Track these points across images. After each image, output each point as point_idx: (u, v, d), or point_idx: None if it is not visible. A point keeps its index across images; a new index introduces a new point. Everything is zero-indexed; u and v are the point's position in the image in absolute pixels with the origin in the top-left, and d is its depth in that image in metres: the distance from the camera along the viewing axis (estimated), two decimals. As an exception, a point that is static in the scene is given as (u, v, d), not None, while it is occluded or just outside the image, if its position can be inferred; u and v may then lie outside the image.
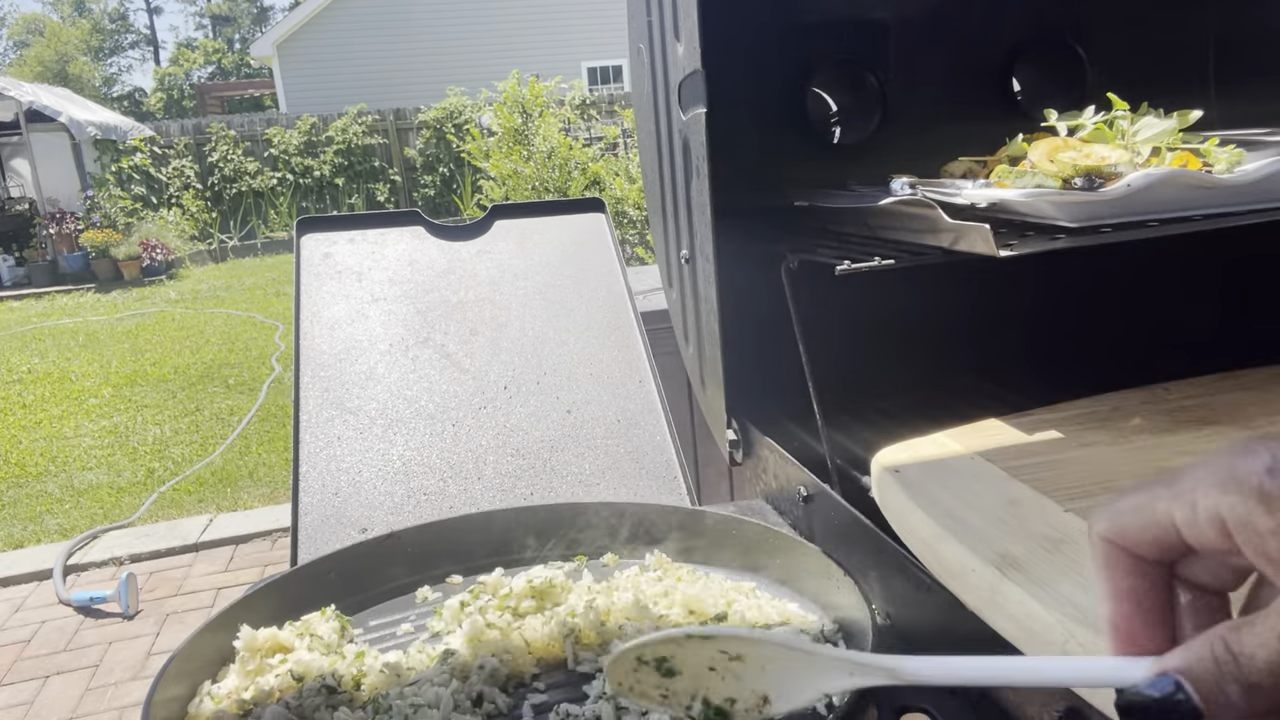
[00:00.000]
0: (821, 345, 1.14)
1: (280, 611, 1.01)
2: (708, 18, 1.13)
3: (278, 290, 10.87)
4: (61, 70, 41.81)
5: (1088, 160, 0.92)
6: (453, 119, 14.94)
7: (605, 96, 15.19)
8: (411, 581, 1.12)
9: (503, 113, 8.54)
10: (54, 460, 5.66)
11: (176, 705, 0.86)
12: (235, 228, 14.82)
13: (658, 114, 1.41)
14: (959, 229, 0.92)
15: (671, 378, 1.60)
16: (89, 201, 13.13)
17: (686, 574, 1.08)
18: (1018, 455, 0.94)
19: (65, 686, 3.19)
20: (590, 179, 8.20)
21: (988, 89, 1.57)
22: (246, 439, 5.75)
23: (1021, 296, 1.44)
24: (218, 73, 45.40)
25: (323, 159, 15.09)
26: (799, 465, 1.16)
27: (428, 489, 1.32)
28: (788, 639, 0.51)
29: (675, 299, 1.51)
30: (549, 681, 0.90)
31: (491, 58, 17.33)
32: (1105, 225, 0.90)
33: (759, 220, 1.34)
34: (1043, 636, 0.67)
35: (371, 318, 1.52)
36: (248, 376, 7.21)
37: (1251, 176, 0.89)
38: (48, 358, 8.36)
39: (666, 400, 1.45)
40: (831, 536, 1.08)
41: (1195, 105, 1.03)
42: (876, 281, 1.04)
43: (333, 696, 0.86)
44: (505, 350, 1.50)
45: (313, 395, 1.40)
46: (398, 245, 1.63)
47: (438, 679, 0.87)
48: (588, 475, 1.36)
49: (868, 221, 1.17)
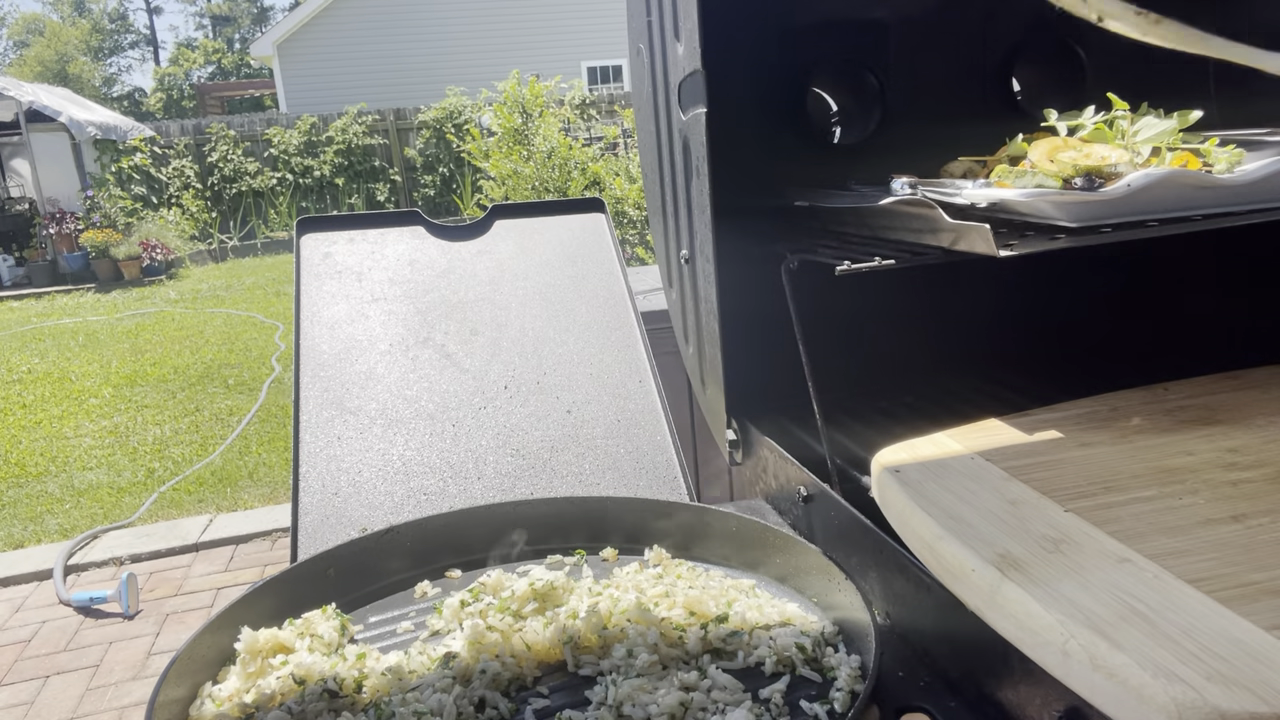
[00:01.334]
0: (821, 345, 1.14)
1: (280, 610, 1.01)
2: (708, 18, 1.13)
3: (278, 290, 10.87)
4: (61, 70, 41.81)
5: (1088, 160, 0.92)
6: (453, 119, 14.93)
7: (605, 96, 15.19)
8: (411, 576, 1.12)
9: (503, 113, 8.54)
10: (54, 460, 5.66)
11: (178, 707, 0.86)
12: (235, 228, 14.81)
13: (658, 114, 1.41)
14: (959, 229, 0.92)
15: (671, 378, 1.60)
16: (89, 201, 13.12)
17: (686, 570, 1.08)
18: (1018, 455, 0.94)
19: (65, 686, 3.19)
20: (590, 179, 8.20)
21: (988, 89, 1.57)
22: (246, 439, 5.75)
23: (1021, 296, 1.44)
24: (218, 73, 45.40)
25: (323, 159, 15.09)
26: (799, 465, 1.16)
27: (428, 489, 1.32)
28: None
29: (675, 299, 1.51)
30: (550, 685, 0.90)
31: (491, 58, 17.34)
32: (1105, 225, 0.90)
33: (759, 220, 1.34)
34: (1043, 636, 0.67)
35: (371, 318, 1.52)
36: (248, 376, 7.21)
37: (1251, 176, 0.89)
38: (48, 358, 8.36)
39: (666, 400, 1.45)
40: (831, 536, 1.08)
41: (1195, 106, 1.03)
42: (876, 281, 1.04)
43: (334, 700, 0.86)
44: (505, 350, 1.50)
45: (313, 395, 1.40)
46: (398, 245, 1.63)
47: (439, 684, 0.87)
48: (588, 475, 1.36)
49: (868, 221, 1.17)
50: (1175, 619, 0.65)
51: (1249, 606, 0.66)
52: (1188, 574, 0.71)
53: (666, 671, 0.88)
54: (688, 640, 0.92)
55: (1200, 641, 0.62)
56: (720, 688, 0.85)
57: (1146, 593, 0.68)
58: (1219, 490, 0.85)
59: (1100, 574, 0.71)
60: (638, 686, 0.84)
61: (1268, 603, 0.66)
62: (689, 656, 0.91)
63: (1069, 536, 0.78)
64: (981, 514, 0.83)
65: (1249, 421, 1.00)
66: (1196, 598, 0.67)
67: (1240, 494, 0.84)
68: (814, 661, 0.89)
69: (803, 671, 0.87)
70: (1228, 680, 0.58)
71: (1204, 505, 0.82)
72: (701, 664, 0.89)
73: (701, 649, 0.91)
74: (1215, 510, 0.81)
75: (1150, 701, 0.59)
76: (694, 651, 0.91)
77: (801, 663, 0.88)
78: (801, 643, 0.89)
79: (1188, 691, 0.57)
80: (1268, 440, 0.95)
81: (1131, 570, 0.72)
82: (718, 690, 0.84)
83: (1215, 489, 0.85)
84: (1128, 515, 0.81)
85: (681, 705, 0.82)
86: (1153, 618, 0.65)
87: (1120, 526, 0.79)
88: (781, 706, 0.82)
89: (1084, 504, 0.83)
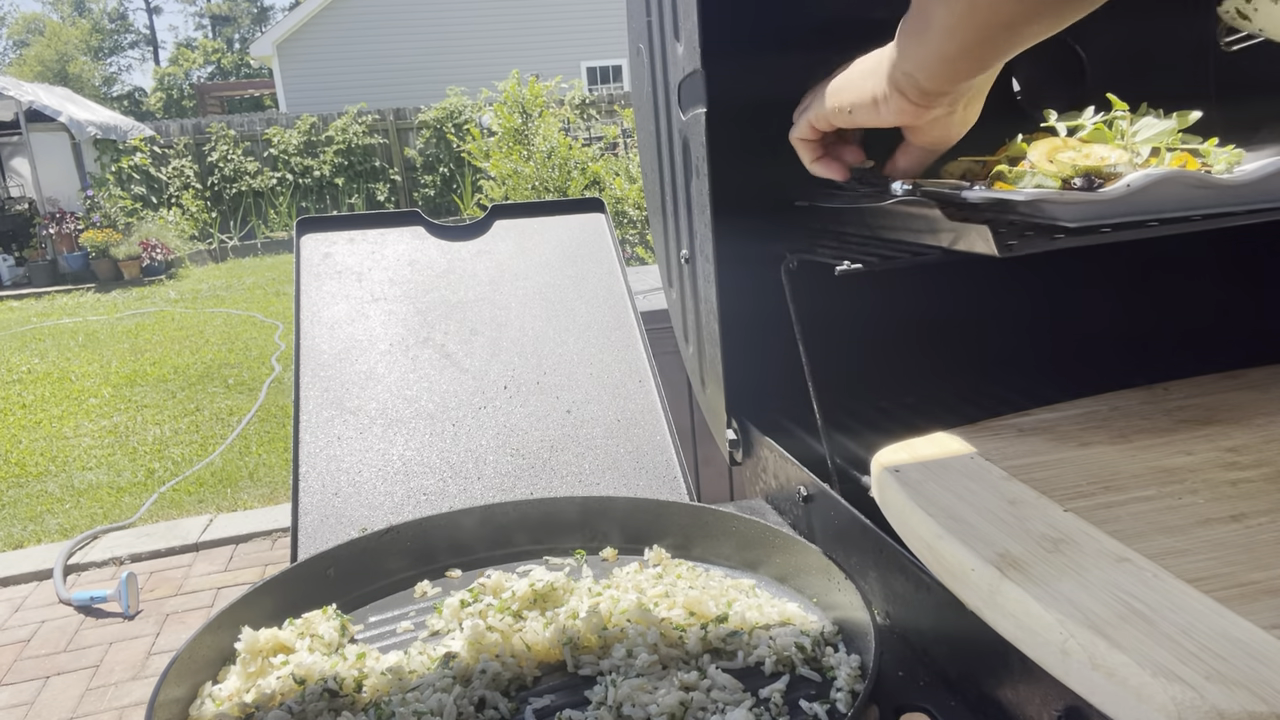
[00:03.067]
0: (821, 345, 1.14)
1: (280, 609, 1.01)
2: (708, 18, 1.13)
3: (278, 290, 10.87)
4: (61, 70, 41.81)
5: (1087, 160, 0.92)
6: (453, 119, 14.93)
7: (605, 96, 15.19)
8: (411, 576, 1.13)
9: (503, 113, 8.54)
10: (54, 460, 5.66)
11: (178, 707, 0.86)
12: (235, 228, 14.81)
13: (658, 114, 1.41)
14: (959, 229, 0.92)
15: (671, 378, 1.60)
16: (89, 201, 13.12)
17: (686, 570, 1.08)
18: (1018, 455, 0.94)
19: (65, 686, 3.19)
20: (590, 179, 8.20)
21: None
22: (246, 439, 5.75)
23: (1021, 296, 1.44)
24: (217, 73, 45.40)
25: (323, 159, 15.08)
26: (799, 465, 1.16)
27: (428, 489, 1.32)
28: None
29: (675, 299, 1.51)
30: (550, 684, 0.90)
31: (491, 58, 17.34)
32: (1105, 225, 0.90)
33: (759, 220, 1.34)
34: (1042, 635, 0.67)
35: (371, 318, 1.52)
36: (248, 376, 7.21)
37: (1251, 177, 0.89)
38: (48, 358, 8.36)
39: (666, 400, 1.45)
40: (831, 536, 1.08)
41: (1196, 105, 1.03)
42: (876, 281, 1.04)
43: (334, 700, 0.87)
44: (505, 350, 1.50)
45: (313, 395, 1.40)
46: (398, 245, 1.63)
47: (439, 683, 0.87)
48: (588, 475, 1.36)
49: (867, 221, 1.17)
50: (1174, 618, 0.65)
51: (1248, 606, 0.66)
52: (1187, 573, 0.71)
53: (666, 671, 0.88)
54: (688, 640, 0.92)
55: (1199, 641, 0.62)
56: (720, 687, 0.85)
57: (1146, 592, 0.68)
58: (1218, 490, 0.85)
59: (1099, 573, 0.71)
60: (638, 686, 0.84)
61: (1267, 602, 0.66)
62: (689, 656, 0.91)
63: (1068, 536, 0.78)
64: (981, 514, 0.83)
65: (1249, 421, 1.00)
66: (1196, 597, 0.67)
67: (1240, 494, 0.84)
68: (814, 661, 0.89)
69: (802, 671, 0.87)
70: (1227, 680, 0.58)
71: (1203, 505, 0.82)
72: (701, 664, 0.89)
73: (701, 649, 0.91)
74: (1215, 510, 0.81)
75: (1149, 701, 0.59)
76: (694, 651, 0.91)
77: (801, 662, 0.88)
78: (801, 642, 0.89)
79: (1187, 691, 0.57)
80: (1268, 440, 0.95)
81: (1131, 570, 0.72)
82: (717, 690, 0.84)
83: (1215, 489, 0.85)
84: (1127, 515, 0.81)
85: (681, 705, 0.82)
86: (1152, 617, 0.65)
87: (1119, 526, 0.79)
88: (781, 706, 0.82)
89: (1083, 504, 0.83)
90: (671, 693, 0.83)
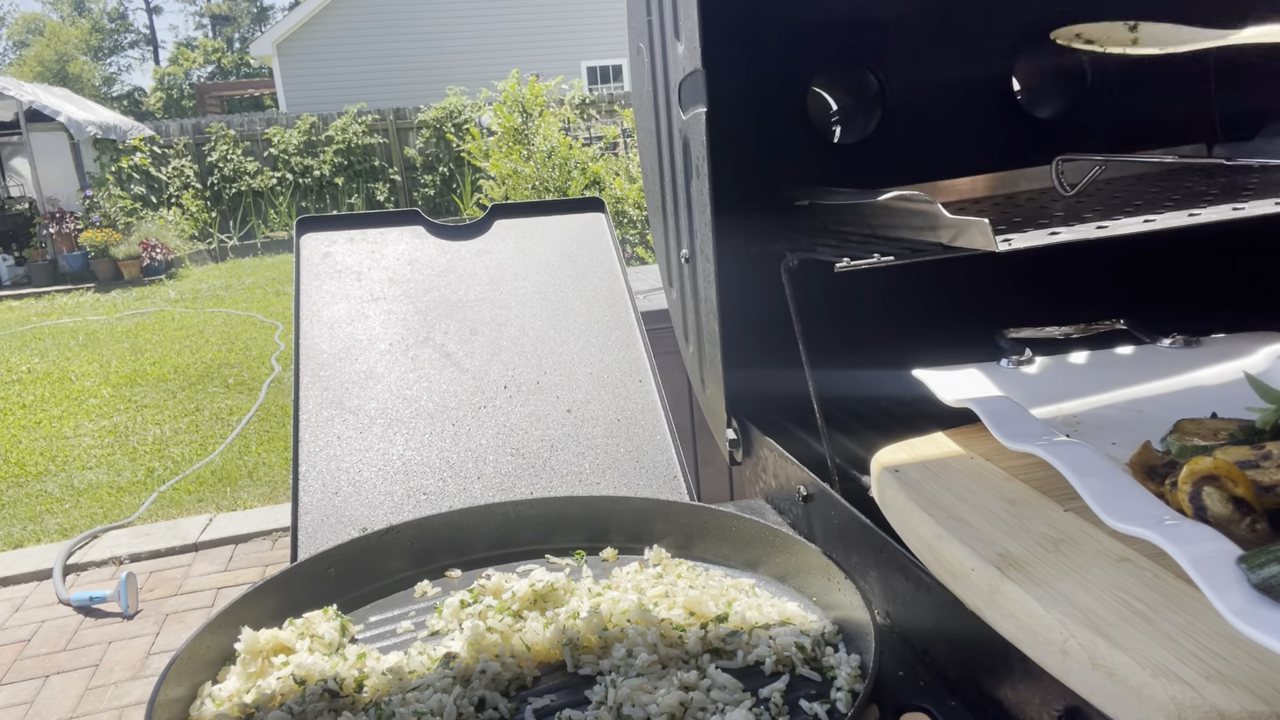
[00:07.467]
0: (821, 345, 1.14)
1: (280, 610, 1.01)
2: (708, 18, 1.13)
3: (278, 290, 10.87)
4: (61, 70, 41.80)
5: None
6: (453, 119, 14.93)
7: (605, 96, 15.19)
8: (411, 576, 1.12)
9: (503, 112, 8.54)
10: (54, 460, 5.66)
11: (178, 707, 0.86)
12: (235, 227, 14.81)
13: (658, 114, 1.41)
14: (958, 224, 0.92)
15: (671, 378, 1.60)
16: (88, 201, 13.12)
17: (686, 570, 1.08)
18: (1018, 455, 0.94)
19: (65, 686, 3.19)
20: (590, 179, 8.20)
21: (988, 89, 1.57)
22: (246, 439, 5.75)
23: (1021, 295, 1.44)
24: (217, 72, 45.40)
25: (323, 158, 15.08)
26: (799, 465, 1.16)
27: (427, 488, 1.32)
28: None
29: (675, 299, 1.50)
30: (550, 684, 0.90)
31: (491, 58, 17.33)
32: (1104, 224, 0.90)
33: (759, 220, 1.34)
34: (1043, 636, 0.67)
35: (371, 317, 1.52)
36: (247, 376, 7.21)
37: None
38: (48, 358, 8.36)
39: (666, 400, 1.45)
40: (831, 536, 1.08)
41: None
42: (876, 279, 1.04)
43: (335, 700, 0.87)
44: (505, 350, 1.50)
45: (313, 395, 1.40)
46: (397, 245, 1.63)
47: (439, 684, 0.87)
48: (588, 475, 1.36)
49: (867, 219, 1.17)
50: (1174, 618, 0.65)
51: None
52: (1187, 573, 0.70)
53: (666, 671, 0.88)
54: (688, 640, 0.92)
55: (1199, 641, 0.62)
56: (720, 687, 0.85)
57: (1146, 592, 0.68)
58: (1219, 490, 0.85)
59: (1100, 573, 0.71)
60: (637, 686, 0.84)
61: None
62: (689, 656, 0.91)
63: (1069, 536, 0.78)
64: (981, 514, 0.83)
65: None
66: (1196, 597, 0.67)
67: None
68: (814, 661, 0.89)
69: (802, 671, 0.87)
70: (1227, 679, 0.58)
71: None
72: (701, 664, 0.89)
73: (701, 649, 0.91)
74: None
75: (1149, 700, 0.59)
76: (694, 651, 0.91)
77: (801, 662, 0.88)
78: (801, 642, 0.89)
79: (1187, 691, 0.57)
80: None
81: (1131, 569, 0.72)
82: (717, 690, 0.84)
83: (1215, 488, 0.85)
84: (1127, 515, 0.81)
85: (681, 705, 0.82)
86: (1152, 617, 0.65)
87: (1120, 526, 0.79)
88: (781, 706, 0.82)
89: (1083, 504, 0.83)
90: (671, 692, 0.83)
